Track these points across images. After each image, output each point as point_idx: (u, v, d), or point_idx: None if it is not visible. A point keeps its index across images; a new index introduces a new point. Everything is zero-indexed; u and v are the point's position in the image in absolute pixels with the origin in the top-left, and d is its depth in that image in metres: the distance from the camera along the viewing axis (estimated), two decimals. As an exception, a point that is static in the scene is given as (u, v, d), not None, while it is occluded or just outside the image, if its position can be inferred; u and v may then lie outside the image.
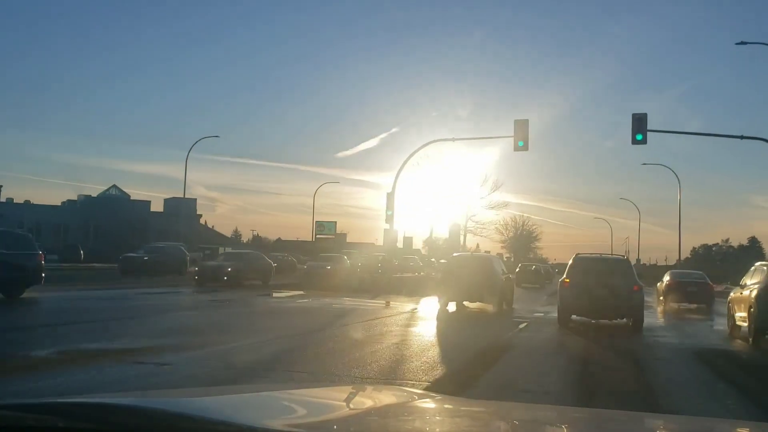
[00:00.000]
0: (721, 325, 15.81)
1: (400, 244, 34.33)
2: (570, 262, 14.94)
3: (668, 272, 25.99)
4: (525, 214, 77.63)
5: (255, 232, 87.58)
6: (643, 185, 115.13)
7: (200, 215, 60.39)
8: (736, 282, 15.11)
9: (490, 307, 17.16)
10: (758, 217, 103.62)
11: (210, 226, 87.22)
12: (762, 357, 11.70)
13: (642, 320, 13.83)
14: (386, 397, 2.29)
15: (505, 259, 56.17)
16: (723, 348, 12.51)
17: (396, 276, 28.06)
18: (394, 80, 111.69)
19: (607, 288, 13.58)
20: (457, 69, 77.20)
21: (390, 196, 24.24)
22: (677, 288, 23.42)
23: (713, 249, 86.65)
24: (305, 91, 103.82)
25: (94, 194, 59.64)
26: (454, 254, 23.47)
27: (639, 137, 21.11)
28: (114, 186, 61.03)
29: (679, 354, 10.89)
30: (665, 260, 77.52)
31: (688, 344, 12.30)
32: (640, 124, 21.31)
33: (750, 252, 70.99)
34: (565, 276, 14.48)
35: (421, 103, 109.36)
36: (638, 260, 58.19)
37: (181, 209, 50.53)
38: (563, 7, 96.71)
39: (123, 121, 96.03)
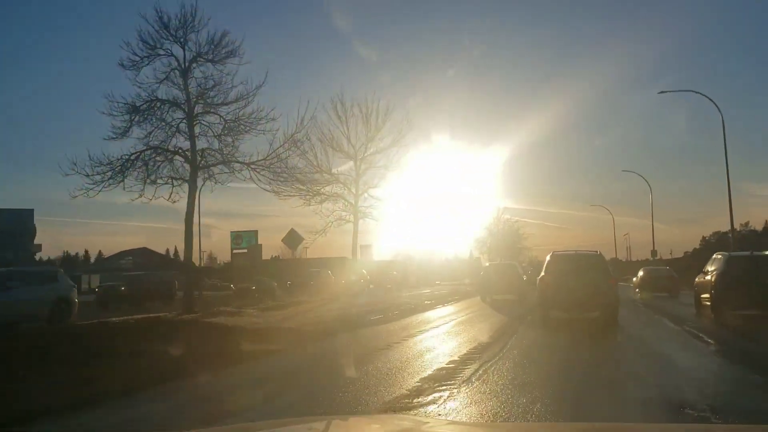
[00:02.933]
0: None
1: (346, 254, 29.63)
2: (547, 259, 15.04)
3: (642, 268, 31.26)
4: (508, 216, 67.97)
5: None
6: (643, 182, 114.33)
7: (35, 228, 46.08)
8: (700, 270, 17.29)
9: (513, 298, 23.71)
10: (754, 204, 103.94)
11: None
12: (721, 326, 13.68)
13: (617, 312, 14.10)
14: (391, 426, 2.32)
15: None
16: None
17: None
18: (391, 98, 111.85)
19: (583, 283, 13.83)
20: (450, 83, 79.06)
21: None
22: (649, 281, 28.56)
23: (729, 236, 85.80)
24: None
25: None
26: (486, 264, 32.78)
27: None
28: None
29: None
30: (670, 254, 74.94)
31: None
32: None
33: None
34: (542, 273, 14.58)
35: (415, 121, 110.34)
36: (654, 252, 52.19)
37: (12, 223, 41.32)
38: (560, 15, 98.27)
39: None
